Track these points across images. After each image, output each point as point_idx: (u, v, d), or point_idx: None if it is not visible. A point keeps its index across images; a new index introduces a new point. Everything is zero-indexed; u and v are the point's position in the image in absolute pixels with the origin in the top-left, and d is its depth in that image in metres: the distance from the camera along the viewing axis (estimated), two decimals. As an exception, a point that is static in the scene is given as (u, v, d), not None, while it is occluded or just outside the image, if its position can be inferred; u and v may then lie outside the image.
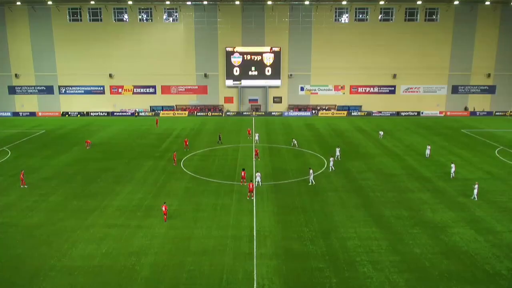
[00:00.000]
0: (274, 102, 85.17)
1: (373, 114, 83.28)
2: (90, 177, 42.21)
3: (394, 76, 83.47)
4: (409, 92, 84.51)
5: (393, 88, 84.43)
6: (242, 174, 39.65)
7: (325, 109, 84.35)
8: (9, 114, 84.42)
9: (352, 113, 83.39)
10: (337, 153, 48.64)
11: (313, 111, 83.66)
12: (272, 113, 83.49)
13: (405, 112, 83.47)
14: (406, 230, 29.55)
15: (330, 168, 43.81)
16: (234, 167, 45.26)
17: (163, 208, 31.03)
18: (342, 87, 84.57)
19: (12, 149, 54.93)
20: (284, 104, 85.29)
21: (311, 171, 39.62)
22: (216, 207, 33.89)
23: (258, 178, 38.81)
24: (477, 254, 26.27)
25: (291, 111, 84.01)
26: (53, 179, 41.58)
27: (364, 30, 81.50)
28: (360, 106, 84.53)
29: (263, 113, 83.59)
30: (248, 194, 35.73)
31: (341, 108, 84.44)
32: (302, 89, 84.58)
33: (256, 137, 58.05)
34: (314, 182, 39.14)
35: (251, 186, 35.58)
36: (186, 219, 31.55)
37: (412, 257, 25.97)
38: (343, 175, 42.21)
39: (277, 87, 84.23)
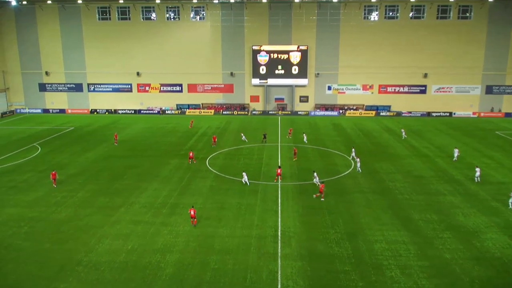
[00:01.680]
0: (300, 101, 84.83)
1: (403, 115, 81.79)
2: (117, 174, 43.09)
3: (425, 75, 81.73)
4: (440, 92, 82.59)
5: (423, 88, 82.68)
6: (278, 171, 40.31)
7: (352, 108, 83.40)
8: (39, 111, 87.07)
9: (381, 113, 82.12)
10: (353, 153, 48.31)
11: (340, 111, 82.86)
12: (298, 113, 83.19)
13: (436, 112, 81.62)
14: (436, 234, 28.88)
15: (358, 169, 43.30)
16: (259, 166, 45.35)
17: (192, 212, 29.99)
18: (371, 87, 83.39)
19: (42, 145, 56.60)
20: (311, 103, 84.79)
21: (315, 174, 39.32)
22: (240, 206, 34.01)
23: (245, 178, 39.05)
24: (510, 261, 25.42)
25: (318, 110, 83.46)
26: (81, 176, 42.62)
27: (394, 28, 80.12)
28: (389, 106, 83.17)
29: (289, 112, 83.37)
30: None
31: (369, 108, 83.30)
32: (329, 88, 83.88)
33: (304, 139, 57.79)
34: (319, 184, 38.73)
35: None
36: (211, 217, 31.77)
37: (442, 262, 25.36)
38: (370, 177, 41.63)
39: (304, 86, 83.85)
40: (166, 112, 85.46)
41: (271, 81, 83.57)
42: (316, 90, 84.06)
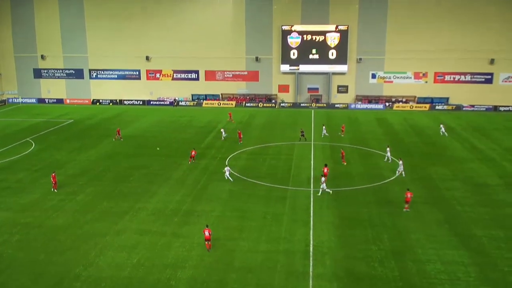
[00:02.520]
0: (338, 91, 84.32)
1: (464, 109, 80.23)
2: (122, 175, 43.86)
3: (492, 61, 79.87)
4: (510, 81, 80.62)
5: (489, 77, 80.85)
6: (325, 170, 40.42)
7: (401, 101, 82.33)
8: (34, 100, 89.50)
9: (436, 107, 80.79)
10: (388, 153, 48.07)
11: (387, 104, 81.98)
12: (336, 105, 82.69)
13: (505, 106, 79.70)
14: (502, 255, 28.28)
15: (398, 172, 42.89)
16: (288, 168, 45.35)
17: (206, 233, 28.72)
18: (424, 75, 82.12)
19: (37, 140, 58.11)
20: (351, 95, 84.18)
21: (323, 178, 38.82)
22: (265, 215, 34.09)
23: (227, 173, 41.29)
24: None
25: (359, 103, 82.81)
26: (81, 176, 43.58)
27: (453, 4, 78.51)
28: (447, 99, 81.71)
29: (325, 105, 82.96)
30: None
31: (422, 100, 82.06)
32: (373, 76, 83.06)
33: (324, 131, 58.31)
34: (331, 192, 38.29)
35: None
36: (230, 228, 31.97)
37: (507, 287, 24.86)
38: (422, 183, 41.05)
39: (343, 73, 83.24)
40: (180, 103, 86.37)
41: (303, 68, 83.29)
42: (358, 79, 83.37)
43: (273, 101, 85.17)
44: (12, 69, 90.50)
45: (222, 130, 58.72)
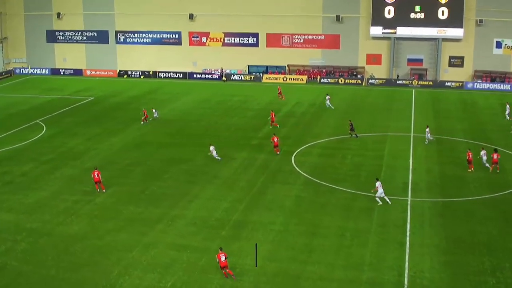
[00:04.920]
0: (450, 65, 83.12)
1: None
2: (154, 171, 44.70)
3: None
4: None
5: None
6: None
7: (538, 80, 79.82)
8: (46, 71, 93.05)
9: None
10: (427, 135, 49.84)
11: (517, 83, 79.77)
12: (446, 84, 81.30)
13: None
14: None
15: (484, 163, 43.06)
16: (377, 169, 44.88)
17: (222, 258, 28.16)
18: None
19: (48, 122, 60.36)
20: (467, 70, 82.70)
21: (378, 183, 38.18)
22: (343, 231, 33.82)
23: (214, 153, 44.91)
24: None
25: (478, 81, 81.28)
26: (102, 171, 44.34)
27: None
28: None
29: (431, 83, 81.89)
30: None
31: None
32: (498, 45, 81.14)
33: (327, 102, 59.99)
34: (380, 202, 37.70)
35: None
36: (295, 247, 31.88)
37: None
38: None
39: (457, 40, 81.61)
40: (232, 77, 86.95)
41: (402, 31, 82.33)
42: (477, 48, 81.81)
43: (359, 76, 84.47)
44: (21, 31, 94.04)
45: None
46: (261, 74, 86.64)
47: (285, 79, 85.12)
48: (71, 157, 48.10)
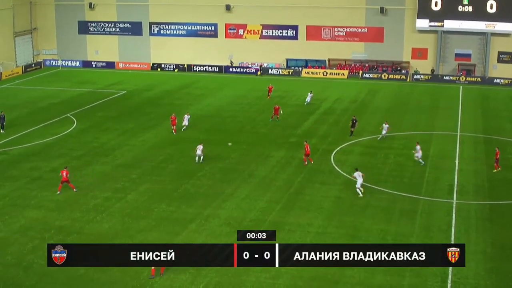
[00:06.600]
0: (499, 61, 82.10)
1: None
2: (188, 169, 44.77)
3: None
4: None
5: None
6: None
7: None
8: (77, 64, 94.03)
9: None
10: (384, 131, 51.88)
11: None
12: (495, 81, 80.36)
13: None
14: None
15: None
16: (421, 170, 44.53)
17: None
18: None
19: (79, 117, 60.92)
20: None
21: (356, 173, 38.67)
22: (385, 235, 33.65)
23: (199, 151, 44.73)
24: None
25: (532, 78, 79.52)
26: (134, 168, 44.95)
27: None
28: None
29: (479, 80, 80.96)
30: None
31: None
32: (551, 40, 79.41)
33: (308, 98, 60.30)
34: (361, 194, 37.57)
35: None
36: (335, 250, 31.53)
37: None
38: None
39: (506, 35, 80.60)
40: (270, 71, 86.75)
41: (449, 25, 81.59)
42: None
43: (404, 71, 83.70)
44: (51, 22, 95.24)
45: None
46: (300, 68, 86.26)
47: (325, 73, 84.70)
48: (102, 153, 48.45)
